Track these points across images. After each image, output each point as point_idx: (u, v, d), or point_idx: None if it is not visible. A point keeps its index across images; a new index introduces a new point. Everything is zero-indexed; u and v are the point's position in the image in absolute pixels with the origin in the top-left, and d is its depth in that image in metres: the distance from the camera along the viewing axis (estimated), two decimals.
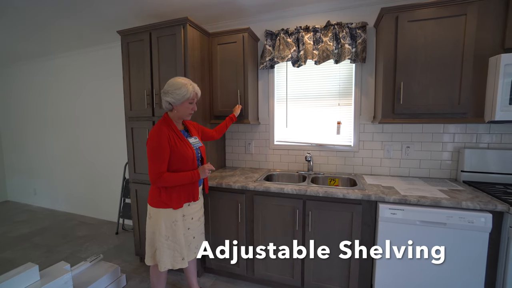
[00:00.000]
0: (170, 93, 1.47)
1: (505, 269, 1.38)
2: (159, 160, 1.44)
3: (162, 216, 1.52)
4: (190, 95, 1.50)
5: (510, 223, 1.35)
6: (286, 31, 2.18)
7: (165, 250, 1.54)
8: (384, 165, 2.11)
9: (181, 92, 1.46)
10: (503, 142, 1.85)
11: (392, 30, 1.71)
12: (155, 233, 1.55)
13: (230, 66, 2.14)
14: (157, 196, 1.51)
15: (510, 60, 1.46)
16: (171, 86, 1.48)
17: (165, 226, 1.52)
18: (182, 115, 1.56)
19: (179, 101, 1.48)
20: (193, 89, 1.51)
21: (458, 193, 1.60)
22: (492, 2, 1.53)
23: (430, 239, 1.49)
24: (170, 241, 1.54)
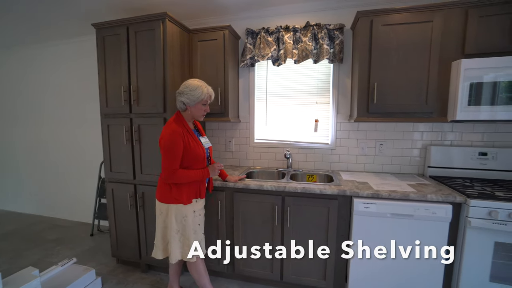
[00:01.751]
0: (185, 94, 1.53)
1: (461, 254, 1.52)
2: (174, 157, 1.49)
3: (173, 211, 1.58)
4: (204, 96, 1.55)
5: (466, 213, 1.48)
6: (267, 30, 2.20)
7: (176, 243, 1.60)
8: (359, 162, 2.21)
9: (196, 93, 1.52)
10: (463, 139, 2.02)
11: (367, 33, 1.79)
12: (167, 227, 1.62)
13: (210, 63, 2.13)
14: (168, 192, 1.57)
15: (469, 65, 1.59)
16: (187, 87, 1.54)
17: (176, 221, 1.59)
18: (195, 115, 1.61)
19: (193, 102, 1.54)
20: (207, 91, 1.57)
21: (425, 187, 1.72)
22: (454, 12, 1.66)
23: (399, 230, 1.59)
24: (180, 235, 1.61)
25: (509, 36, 1.58)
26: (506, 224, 1.41)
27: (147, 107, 1.94)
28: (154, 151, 1.95)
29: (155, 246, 1.70)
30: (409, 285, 1.62)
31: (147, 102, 1.93)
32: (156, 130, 1.92)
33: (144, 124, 1.96)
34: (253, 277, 1.99)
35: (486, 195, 1.52)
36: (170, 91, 1.90)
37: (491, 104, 1.61)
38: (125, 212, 2.11)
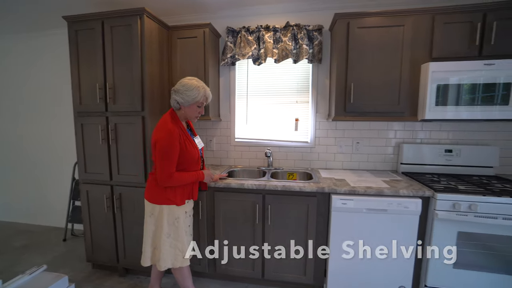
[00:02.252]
0: (181, 93, 1.47)
1: (430, 243, 1.62)
2: (170, 160, 1.45)
3: (165, 213, 1.52)
4: (200, 98, 1.50)
5: (434, 206, 1.59)
6: (247, 29, 2.21)
7: (166, 249, 1.53)
8: (338, 160, 2.29)
9: (191, 94, 1.46)
10: (432, 138, 2.15)
11: (344, 35, 1.86)
12: (156, 231, 1.55)
13: (190, 61, 2.10)
14: (161, 193, 1.52)
15: (436, 68, 1.70)
16: (183, 86, 1.48)
17: (168, 223, 1.53)
18: (188, 116, 1.56)
19: (187, 102, 1.48)
20: (204, 93, 1.51)
21: (397, 183, 1.81)
22: (423, 18, 1.76)
23: (374, 224, 1.67)
24: (171, 239, 1.55)
25: (469, 43, 1.71)
26: (467, 215, 1.53)
27: (124, 105, 1.87)
28: (132, 151, 1.89)
29: (144, 252, 1.60)
30: (383, 274, 1.70)
31: (124, 100, 1.87)
32: (134, 129, 1.87)
33: (121, 123, 1.90)
34: (234, 276, 2.00)
35: (450, 189, 1.63)
36: (149, 89, 1.85)
37: (456, 105, 1.73)
38: (101, 215, 2.03)
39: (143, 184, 1.91)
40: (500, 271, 1.57)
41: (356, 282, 1.75)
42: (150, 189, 1.57)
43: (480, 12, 1.68)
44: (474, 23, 1.68)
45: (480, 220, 1.52)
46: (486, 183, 1.76)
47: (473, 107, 1.71)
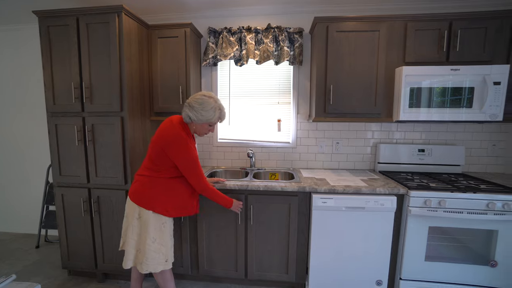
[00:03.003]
0: (195, 110, 1.43)
1: (404, 239, 1.71)
2: (199, 168, 1.47)
3: (152, 218, 1.48)
4: (215, 120, 1.49)
5: (408, 203, 1.68)
6: (229, 30, 2.21)
7: (149, 253, 1.49)
8: (318, 160, 2.35)
9: (207, 114, 1.44)
10: (406, 138, 2.27)
11: (323, 38, 1.91)
12: (141, 234, 1.51)
13: (171, 61, 2.07)
14: (154, 199, 1.48)
15: (409, 72, 1.79)
16: (200, 104, 1.43)
17: (154, 228, 1.49)
18: (198, 132, 1.54)
19: (200, 121, 1.46)
20: (219, 115, 1.49)
21: (375, 181, 1.89)
22: (396, 24, 1.85)
23: (353, 222, 1.73)
24: (156, 244, 1.51)
25: (438, 49, 1.82)
26: (436, 211, 1.63)
27: (102, 105, 1.82)
28: (111, 152, 1.84)
29: (126, 255, 1.55)
30: (362, 269, 1.77)
31: (102, 100, 1.81)
32: (113, 130, 1.81)
33: (99, 123, 1.84)
34: (218, 277, 2.00)
35: (423, 186, 1.73)
36: (128, 89, 1.81)
37: (428, 107, 1.83)
38: (78, 219, 1.95)
39: (122, 186, 1.86)
40: (466, 262, 1.69)
41: (336, 278, 1.80)
42: (140, 192, 1.50)
43: (446, 21, 1.79)
44: (442, 30, 1.79)
45: (448, 215, 1.63)
46: (454, 180, 1.88)
47: (443, 109, 1.82)
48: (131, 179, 1.87)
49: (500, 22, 1.77)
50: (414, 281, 1.74)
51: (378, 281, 1.78)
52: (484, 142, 2.19)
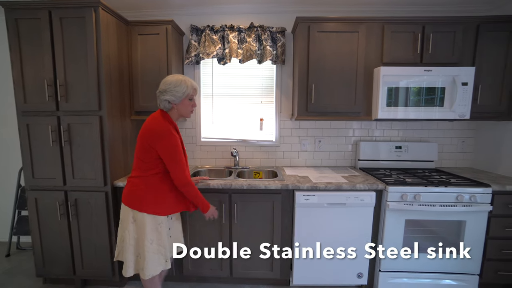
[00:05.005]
0: (169, 91, 1.42)
1: (383, 232, 1.79)
2: (182, 161, 1.42)
3: (148, 219, 1.44)
4: (190, 91, 1.46)
5: (386, 197, 1.75)
6: (212, 28, 2.20)
7: (150, 256, 1.45)
8: (301, 158, 2.39)
9: (180, 89, 1.42)
10: (385, 135, 2.36)
11: (305, 38, 1.94)
12: (138, 238, 1.46)
13: (152, 59, 2.02)
14: (144, 199, 1.43)
15: (387, 72, 1.87)
16: (169, 84, 1.43)
17: (151, 229, 1.45)
18: (183, 113, 1.51)
19: (179, 98, 1.44)
20: (191, 84, 1.48)
21: (355, 178, 1.95)
22: (374, 26, 1.92)
23: (334, 217, 1.78)
24: (155, 245, 1.47)
25: (412, 50, 1.91)
26: (412, 204, 1.72)
27: (78, 104, 1.74)
28: (89, 153, 1.77)
29: (126, 262, 1.48)
30: (344, 263, 1.82)
31: (78, 98, 1.74)
32: (91, 130, 1.75)
33: (76, 123, 1.76)
34: (203, 277, 1.98)
35: (400, 181, 1.81)
36: (107, 87, 1.75)
37: (405, 106, 1.91)
38: (54, 223, 1.86)
39: (102, 188, 1.80)
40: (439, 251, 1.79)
41: (319, 273, 1.85)
42: (131, 194, 1.46)
43: (420, 24, 1.88)
44: (416, 33, 1.89)
45: (422, 208, 1.72)
46: (428, 175, 1.99)
47: (418, 108, 1.91)
48: (111, 180, 1.81)
49: (465, 27, 1.89)
50: (392, 272, 1.83)
51: (359, 273, 1.85)
52: (454, 139, 2.34)
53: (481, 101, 1.93)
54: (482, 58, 1.91)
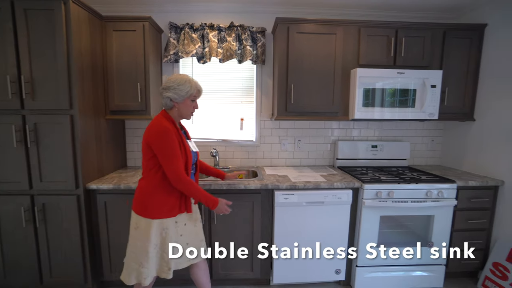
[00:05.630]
0: (172, 88, 1.40)
1: (359, 229, 1.85)
2: (176, 157, 1.35)
3: (153, 226, 1.38)
4: (194, 91, 1.45)
5: (362, 195, 1.81)
6: (191, 26, 2.16)
7: (152, 258, 1.40)
8: (281, 157, 2.42)
9: (184, 88, 1.40)
10: (362, 135, 2.45)
11: (284, 38, 1.96)
12: (143, 245, 1.39)
13: (129, 56, 1.95)
14: (148, 204, 1.38)
15: (363, 74, 1.93)
16: (173, 82, 1.41)
17: (155, 235, 1.40)
18: (183, 113, 1.47)
19: (181, 97, 1.41)
20: (196, 85, 1.46)
21: (333, 176, 2.00)
22: (351, 28, 1.98)
23: (313, 215, 1.82)
24: (158, 249, 1.43)
25: (386, 53, 2.00)
26: (386, 201, 1.80)
27: (46, 102, 1.63)
28: (59, 154, 1.67)
29: (126, 269, 1.44)
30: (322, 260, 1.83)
31: (46, 96, 1.63)
32: (61, 130, 1.65)
33: (44, 122, 1.65)
34: (183, 280, 1.93)
35: (375, 179, 1.88)
36: (79, 85, 1.66)
37: (380, 106, 1.99)
38: (18, 230, 1.73)
39: (73, 191, 1.71)
40: (412, 244, 1.88)
41: (299, 271, 1.88)
42: (137, 198, 1.42)
43: (393, 28, 1.97)
44: (390, 37, 1.97)
45: (396, 205, 1.80)
46: (401, 173, 2.08)
47: (393, 109, 2.00)
48: (84, 182, 1.73)
49: (434, 33, 2.00)
50: (368, 266, 1.89)
51: (337, 270, 1.90)
52: (425, 138, 2.47)
53: (448, 102, 2.05)
54: (448, 62, 2.03)
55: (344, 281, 1.97)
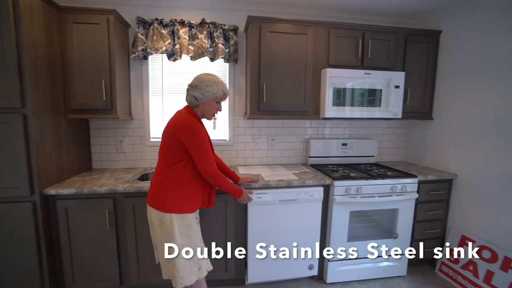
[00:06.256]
0: (199, 88, 1.41)
1: (330, 224, 1.91)
2: (209, 154, 1.41)
3: (176, 222, 1.37)
4: (220, 94, 1.45)
5: (333, 192, 1.87)
6: (161, 21, 2.07)
7: (181, 263, 1.37)
8: (255, 156, 2.42)
9: (211, 89, 1.42)
10: (333, 133, 2.53)
11: (256, 37, 1.96)
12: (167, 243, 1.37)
13: (92, 51, 1.82)
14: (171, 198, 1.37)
15: (333, 74, 1.99)
16: (202, 82, 1.42)
17: (179, 234, 1.38)
18: (205, 113, 1.49)
19: (207, 98, 1.43)
20: (223, 88, 1.47)
21: (305, 174, 2.04)
22: (321, 29, 2.03)
23: (286, 213, 1.84)
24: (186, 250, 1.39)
25: (355, 54, 2.08)
26: (356, 197, 1.87)
27: None
28: (10, 158, 1.52)
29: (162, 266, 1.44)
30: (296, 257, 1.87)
31: None
32: (12, 130, 1.50)
33: None
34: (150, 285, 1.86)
35: (345, 176, 1.95)
36: (32, 81, 1.53)
37: (350, 106, 2.07)
38: None
39: (28, 198, 1.56)
40: (378, 238, 1.99)
41: (273, 269, 1.89)
42: (157, 195, 1.40)
43: (360, 31, 2.05)
44: (357, 39, 2.05)
45: (364, 200, 1.88)
46: (369, 169, 2.18)
47: (362, 108, 2.09)
48: (40, 188, 1.59)
49: (397, 36, 2.12)
50: (339, 260, 1.96)
51: (310, 265, 1.95)
52: (390, 136, 2.62)
53: (410, 102, 2.19)
54: (410, 64, 2.17)
55: (317, 276, 2.02)
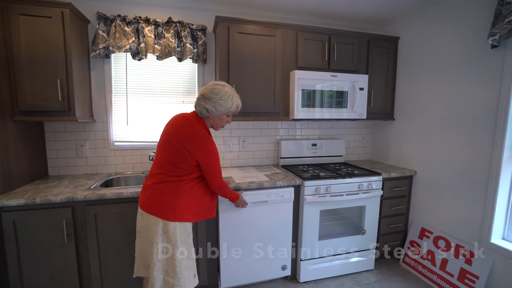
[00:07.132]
0: (213, 101, 1.34)
1: (302, 224, 1.94)
2: (219, 167, 1.41)
3: (178, 230, 1.33)
4: (233, 108, 1.41)
5: (303, 192, 1.90)
6: (124, 18, 1.96)
7: (182, 272, 1.33)
8: (227, 158, 2.39)
9: (225, 103, 1.36)
10: (303, 134, 2.58)
11: (225, 38, 1.94)
12: (168, 253, 1.32)
13: (45, 47, 1.66)
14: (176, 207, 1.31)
15: (301, 75, 2.03)
16: (216, 94, 1.34)
17: (180, 241, 1.34)
18: (214, 124, 1.44)
19: (219, 112, 1.37)
20: (237, 102, 1.42)
21: (276, 175, 2.05)
22: (289, 32, 2.06)
23: (258, 215, 1.83)
24: (186, 259, 1.36)
25: (321, 57, 2.14)
26: (325, 196, 1.92)
27: None
28: None
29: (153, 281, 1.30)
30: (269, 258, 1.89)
31: None
32: None
33: None
34: None
35: (315, 176, 1.99)
36: None
37: (320, 107, 2.11)
38: None
39: None
40: (347, 234, 2.06)
41: (247, 271, 1.87)
42: (162, 203, 1.30)
43: (327, 34, 2.12)
44: (324, 42, 2.12)
45: (333, 199, 1.94)
46: (338, 169, 2.25)
47: (331, 109, 2.15)
48: None
49: (360, 41, 2.22)
50: (311, 259, 1.99)
51: (283, 266, 1.95)
52: (357, 136, 2.74)
53: (373, 103, 2.31)
54: (373, 67, 2.29)
55: (290, 276, 2.03)
